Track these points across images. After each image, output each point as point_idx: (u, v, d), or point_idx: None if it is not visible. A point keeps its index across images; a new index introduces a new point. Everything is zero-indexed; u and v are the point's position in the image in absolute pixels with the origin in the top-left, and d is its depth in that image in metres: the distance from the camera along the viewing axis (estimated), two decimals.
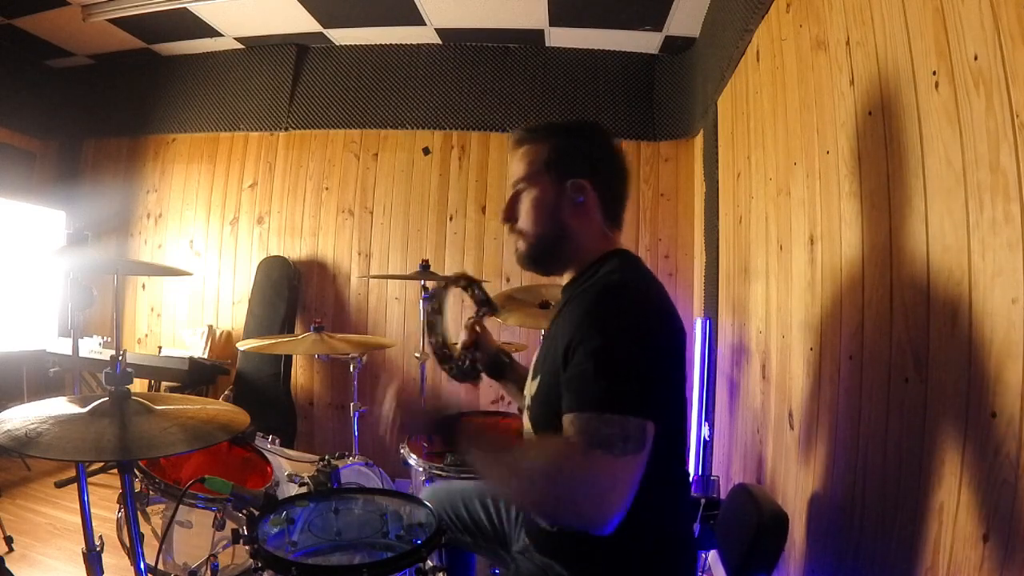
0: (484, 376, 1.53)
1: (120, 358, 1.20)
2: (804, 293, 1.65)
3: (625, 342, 0.99)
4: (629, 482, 0.89)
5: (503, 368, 1.51)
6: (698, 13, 3.01)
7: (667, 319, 1.08)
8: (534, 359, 1.23)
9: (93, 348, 3.31)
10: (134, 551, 1.25)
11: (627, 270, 1.14)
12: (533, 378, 1.19)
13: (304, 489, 1.55)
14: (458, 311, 3.56)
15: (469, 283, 1.57)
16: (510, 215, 1.23)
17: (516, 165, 1.22)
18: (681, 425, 1.13)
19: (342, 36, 3.68)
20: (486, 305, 1.56)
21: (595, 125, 1.26)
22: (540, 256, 1.22)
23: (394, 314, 3.68)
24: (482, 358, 1.51)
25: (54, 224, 3.65)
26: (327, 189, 3.78)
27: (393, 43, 3.72)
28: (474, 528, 1.44)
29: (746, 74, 2.34)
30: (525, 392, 1.23)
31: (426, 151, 3.69)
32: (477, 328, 1.50)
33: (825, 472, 1.48)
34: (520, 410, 1.28)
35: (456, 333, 1.55)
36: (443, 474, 1.97)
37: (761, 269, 2.09)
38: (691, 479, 2.52)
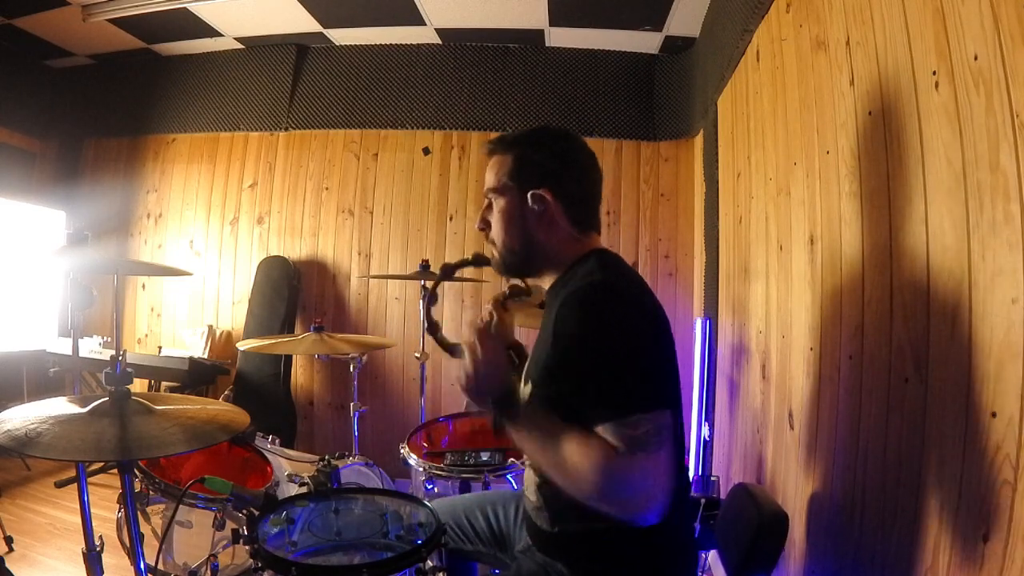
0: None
1: (120, 358, 1.20)
2: (804, 293, 1.65)
3: (616, 341, 1.01)
4: (665, 475, 0.95)
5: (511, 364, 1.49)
6: (698, 13, 3.01)
7: (652, 311, 1.10)
8: (526, 365, 1.24)
9: (93, 348, 3.31)
10: (134, 551, 1.25)
11: (605, 269, 1.14)
12: (525, 384, 1.19)
13: (304, 489, 1.55)
14: (457, 310, 3.57)
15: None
16: (484, 224, 1.28)
17: (487, 175, 1.26)
18: (678, 419, 1.13)
19: (342, 36, 3.68)
20: (520, 293, 1.53)
21: (558, 131, 1.26)
22: (513, 265, 1.26)
23: (394, 314, 3.68)
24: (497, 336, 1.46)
25: (54, 224, 3.65)
26: (327, 189, 3.78)
27: (393, 43, 3.72)
28: (475, 537, 1.44)
29: (746, 74, 2.34)
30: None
31: (426, 151, 3.69)
32: (502, 308, 1.46)
33: (825, 472, 1.48)
34: None
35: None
36: (443, 474, 1.97)
37: (761, 269, 2.09)
38: (691, 479, 2.52)
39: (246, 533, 1.24)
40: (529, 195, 1.19)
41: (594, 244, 1.24)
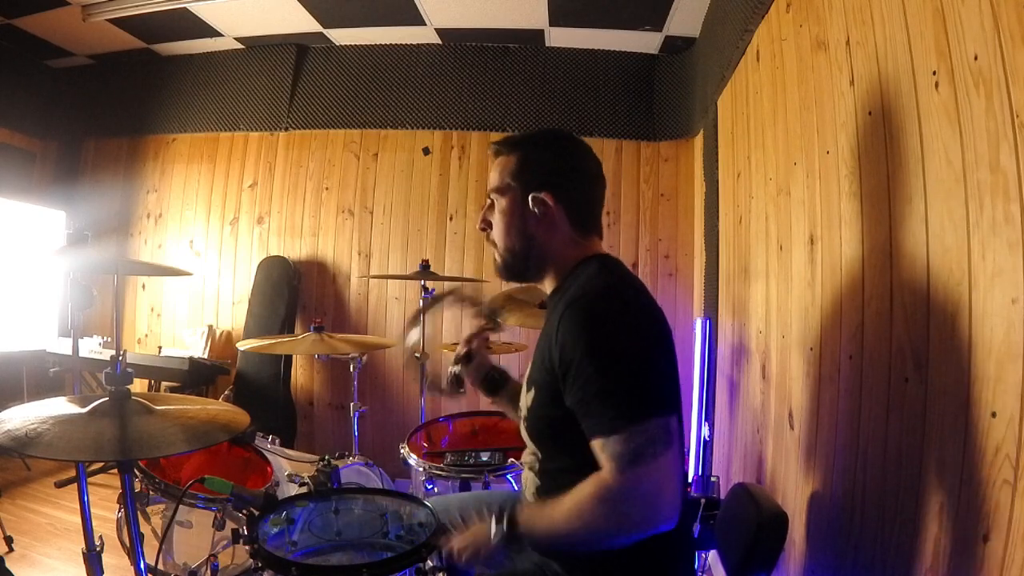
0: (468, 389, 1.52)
1: (120, 358, 1.20)
2: (804, 293, 1.65)
3: (623, 349, 1.01)
4: (671, 476, 0.95)
5: (497, 385, 1.50)
6: (698, 13, 3.01)
7: (654, 317, 1.11)
8: (527, 371, 1.24)
9: (93, 348, 3.31)
10: (134, 551, 1.25)
11: (607, 275, 1.15)
12: (527, 390, 1.19)
13: (304, 489, 1.55)
14: (457, 308, 3.57)
15: (474, 301, 1.57)
16: (485, 224, 1.29)
17: (491, 174, 1.27)
18: (679, 423, 1.13)
19: (342, 36, 3.68)
20: (491, 320, 1.57)
21: (564, 135, 1.27)
22: (513, 267, 1.26)
23: (394, 314, 3.68)
24: (472, 373, 1.49)
25: (54, 224, 3.65)
26: (327, 189, 3.78)
27: (393, 43, 3.72)
28: None
29: (746, 74, 2.34)
30: (520, 404, 1.24)
31: (426, 151, 3.69)
32: (473, 343, 1.50)
33: (825, 472, 1.48)
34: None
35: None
36: (443, 474, 1.97)
37: (761, 269, 2.08)
38: (690, 479, 2.52)
39: (246, 533, 1.24)
40: (530, 197, 1.19)
41: (595, 248, 1.24)
